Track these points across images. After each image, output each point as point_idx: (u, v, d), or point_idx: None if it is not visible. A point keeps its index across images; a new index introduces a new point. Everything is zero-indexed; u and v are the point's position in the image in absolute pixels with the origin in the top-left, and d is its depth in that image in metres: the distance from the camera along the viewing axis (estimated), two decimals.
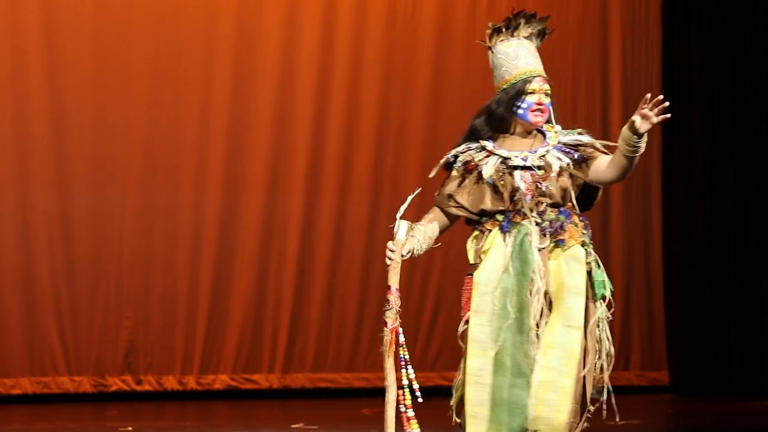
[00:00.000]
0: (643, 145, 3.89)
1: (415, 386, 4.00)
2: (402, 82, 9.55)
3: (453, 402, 4.08)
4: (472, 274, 4.05)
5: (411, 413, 3.94)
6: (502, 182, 4.00)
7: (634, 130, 3.85)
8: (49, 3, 8.82)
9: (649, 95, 3.86)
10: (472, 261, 4.07)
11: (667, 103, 3.83)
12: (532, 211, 3.98)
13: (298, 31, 9.33)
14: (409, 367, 3.98)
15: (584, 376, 3.97)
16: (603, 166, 4.00)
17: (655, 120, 3.83)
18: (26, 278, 8.74)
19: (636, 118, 3.84)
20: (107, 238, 8.89)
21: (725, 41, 10.07)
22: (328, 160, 9.37)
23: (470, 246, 4.08)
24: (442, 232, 4.14)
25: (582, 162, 4.05)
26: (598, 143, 4.09)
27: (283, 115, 9.29)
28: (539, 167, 4.02)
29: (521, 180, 4.00)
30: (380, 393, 3.94)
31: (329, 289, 9.34)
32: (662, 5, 10.15)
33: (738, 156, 10.02)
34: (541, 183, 3.99)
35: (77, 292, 8.81)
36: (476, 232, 4.07)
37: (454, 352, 4.10)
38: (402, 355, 3.95)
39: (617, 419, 4.14)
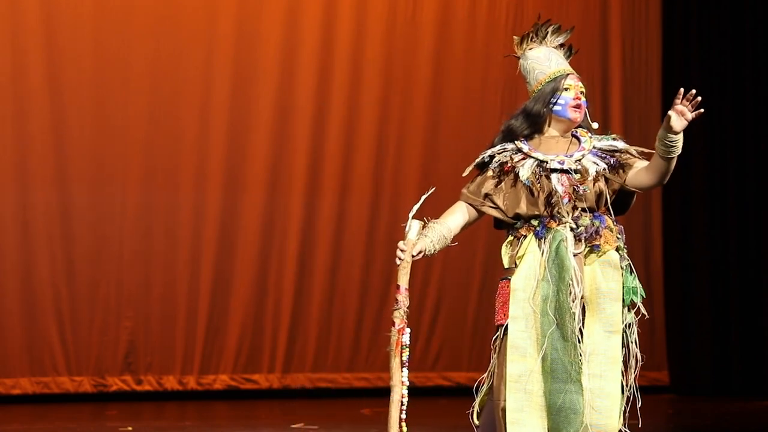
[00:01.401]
0: (679, 144, 3.85)
1: (397, 391, 3.89)
2: (402, 82, 9.55)
3: (477, 404, 4.04)
4: (507, 279, 4.00)
5: (404, 415, 3.92)
6: (538, 185, 3.98)
7: (670, 128, 3.80)
8: (49, 3, 8.82)
9: (682, 90, 3.81)
10: (507, 266, 4.03)
11: (700, 98, 3.79)
12: (569, 214, 3.96)
13: (298, 31, 9.33)
14: (405, 369, 3.91)
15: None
16: (641, 171, 3.99)
17: (690, 116, 3.79)
18: (26, 278, 8.74)
19: (672, 114, 3.80)
20: (107, 238, 8.89)
21: (725, 41, 10.07)
22: (328, 160, 9.37)
23: (505, 251, 4.05)
24: (465, 228, 4.10)
25: (618, 167, 4.03)
26: (633, 149, 4.07)
27: (283, 115, 9.29)
28: (576, 171, 4.00)
29: (558, 183, 3.97)
30: (380, 393, 3.94)
31: (329, 289, 9.34)
32: (662, 6, 10.16)
33: (738, 156, 10.02)
34: (578, 186, 3.97)
35: (77, 292, 8.81)
36: (510, 238, 4.04)
37: (454, 352, 4.10)
38: (405, 356, 3.91)
39: (639, 424, 4.15)
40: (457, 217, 4.08)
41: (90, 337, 8.85)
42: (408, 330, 3.92)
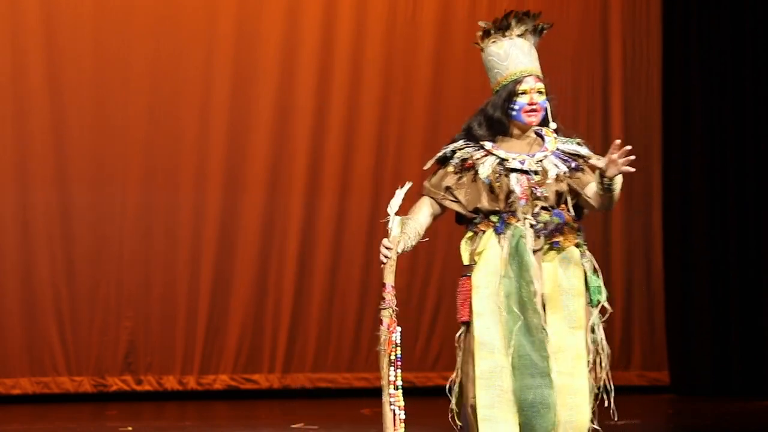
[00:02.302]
0: (616, 185, 3.90)
1: (390, 391, 3.88)
2: (402, 82, 9.55)
3: (454, 405, 4.02)
4: (468, 276, 4.01)
5: (403, 415, 3.90)
6: (498, 183, 3.98)
7: (603, 172, 3.87)
8: (49, 3, 8.82)
9: (618, 141, 3.86)
10: (466, 262, 4.02)
11: (633, 157, 3.84)
12: (526, 214, 3.95)
13: (298, 31, 9.33)
14: (399, 369, 3.87)
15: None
16: (590, 193, 3.99)
17: (622, 169, 3.84)
18: (26, 278, 8.74)
19: (604, 161, 3.86)
20: (107, 238, 8.89)
21: (725, 41, 10.07)
22: (328, 160, 9.37)
23: (464, 247, 4.04)
24: (432, 221, 4.10)
25: (578, 171, 4.03)
26: (594, 158, 4.03)
27: (284, 115, 9.29)
28: (535, 172, 3.99)
29: (517, 183, 3.97)
30: (380, 393, 3.93)
31: (329, 289, 9.34)
32: (662, 5, 10.15)
33: (738, 156, 10.02)
34: (536, 188, 3.97)
35: (77, 292, 8.81)
36: (470, 233, 4.03)
37: (454, 352, 4.07)
38: (396, 355, 3.89)
39: (616, 419, 4.14)
40: (424, 211, 4.09)
41: (90, 337, 8.85)
42: (399, 328, 3.90)
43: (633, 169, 3.85)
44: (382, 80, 9.52)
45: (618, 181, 3.91)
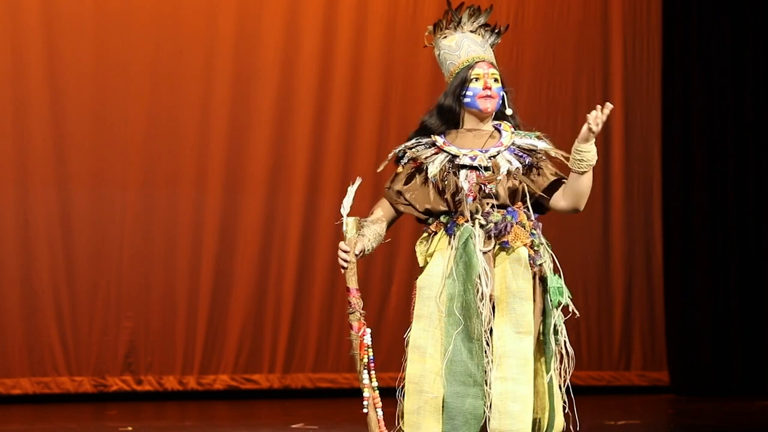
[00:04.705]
0: (588, 157, 3.74)
1: (366, 394, 3.86)
2: (402, 82, 9.55)
3: (400, 410, 3.87)
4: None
5: (380, 414, 3.87)
6: (445, 182, 3.85)
7: (580, 139, 3.73)
8: (49, 3, 8.81)
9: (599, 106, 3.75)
10: (421, 264, 3.90)
11: (609, 107, 3.71)
12: (476, 212, 3.82)
13: (298, 31, 9.33)
14: (366, 371, 3.84)
15: (551, 383, 3.82)
16: (559, 194, 3.86)
17: (592, 126, 3.70)
18: (26, 278, 8.74)
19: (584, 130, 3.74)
20: (107, 238, 8.89)
21: (725, 41, 10.07)
22: (328, 160, 9.37)
23: (419, 249, 3.93)
24: (391, 224, 4.03)
25: (534, 168, 3.88)
26: (553, 151, 3.90)
27: (284, 115, 9.29)
28: (486, 168, 3.85)
29: (465, 180, 3.84)
30: (381, 393, 3.93)
31: (330, 288, 9.33)
32: (662, 6, 10.15)
33: (738, 156, 10.02)
34: (485, 185, 3.83)
35: (77, 292, 8.81)
36: (424, 234, 3.92)
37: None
38: (369, 357, 3.87)
39: (578, 427, 4.00)
40: (381, 213, 4.03)
41: (90, 337, 8.85)
42: (369, 330, 3.86)
43: (597, 126, 3.68)
44: (382, 80, 9.52)
45: (588, 155, 3.74)
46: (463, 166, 3.87)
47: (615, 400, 9.30)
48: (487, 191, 3.83)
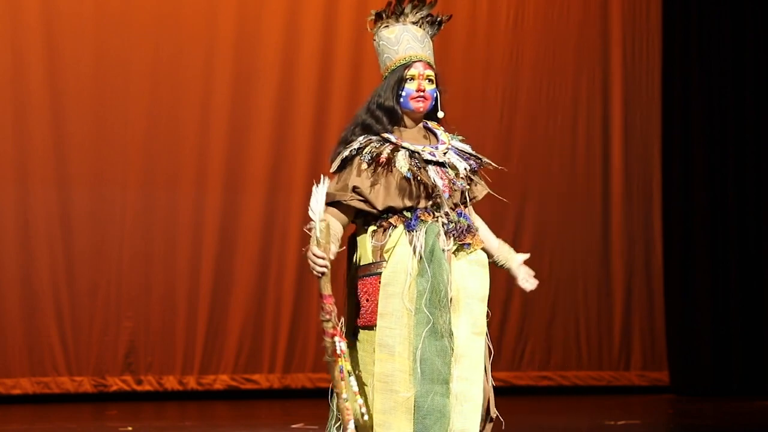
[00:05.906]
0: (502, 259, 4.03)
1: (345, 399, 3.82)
2: None
3: (334, 408, 3.88)
4: (375, 275, 3.79)
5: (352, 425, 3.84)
6: (419, 177, 3.79)
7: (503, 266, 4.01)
8: (49, 3, 8.82)
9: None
10: (371, 260, 3.81)
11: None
12: (455, 207, 3.83)
13: (298, 31, 9.33)
14: (351, 377, 3.78)
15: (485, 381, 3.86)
16: (473, 211, 3.96)
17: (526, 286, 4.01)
18: (26, 278, 8.74)
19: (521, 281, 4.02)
20: (107, 238, 8.89)
21: (725, 41, 10.07)
22: (328, 160, 9.35)
23: (368, 243, 3.83)
24: (346, 226, 3.93)
25: (474, 173, 3.93)
26: (485, 160, 3.95)
27: (284, 115, 9.29)
28: (449, 165, 3.85)
29: (438, 176, 3.82)
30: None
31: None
32: (662, 6, 10.16)
33: (738, 156, 10.02)
34: (455, 182, 3.84)
35: (77, 292, 8.81)
36: (374, 227, 3.83)
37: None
38: (341, 366, 3.78)
39: (503, 426, 3.99)
40: (336, 220, 3.91)
41: (90, 337, 8.85)
42: (341, 337, 3.74)
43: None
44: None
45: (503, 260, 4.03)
46: (428, 162, 3.85)
47: (615, 400, 9.30)
48: (456, 188, 3.85)
